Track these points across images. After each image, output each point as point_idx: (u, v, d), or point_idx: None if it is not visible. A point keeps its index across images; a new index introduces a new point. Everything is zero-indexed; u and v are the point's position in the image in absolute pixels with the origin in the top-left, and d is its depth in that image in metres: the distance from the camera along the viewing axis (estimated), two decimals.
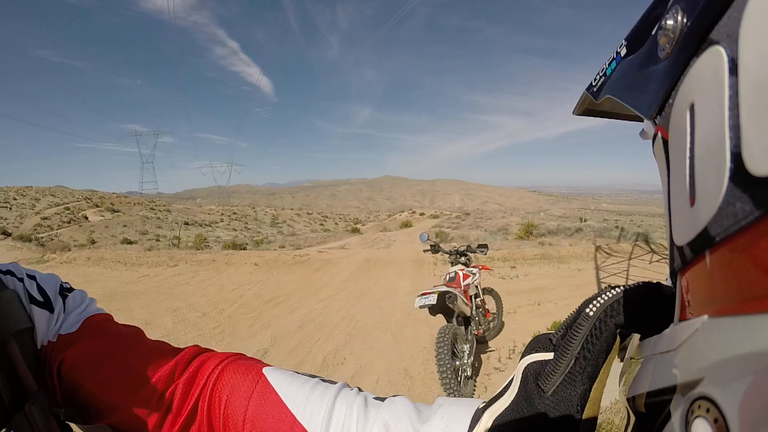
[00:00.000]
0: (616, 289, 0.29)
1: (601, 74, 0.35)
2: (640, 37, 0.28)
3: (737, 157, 0.16)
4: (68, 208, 56.36)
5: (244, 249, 20.43)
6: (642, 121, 0.28)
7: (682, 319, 0.22)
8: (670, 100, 0.22)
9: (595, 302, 0.29)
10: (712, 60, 0.18)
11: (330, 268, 11.21)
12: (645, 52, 0.26)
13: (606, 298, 0.28)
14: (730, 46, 0.17)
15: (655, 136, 0.25)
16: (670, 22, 0.22)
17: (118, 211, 57.21)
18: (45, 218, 49.50)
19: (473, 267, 4.61)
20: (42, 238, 29.09)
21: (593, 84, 0.36)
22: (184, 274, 10.50)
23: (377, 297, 7.52)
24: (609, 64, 0.33)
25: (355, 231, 40.62)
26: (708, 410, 0.17)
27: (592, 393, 0.28)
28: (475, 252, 4.72)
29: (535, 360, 0.31)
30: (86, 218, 52.29)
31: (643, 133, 0.29)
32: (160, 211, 62.30)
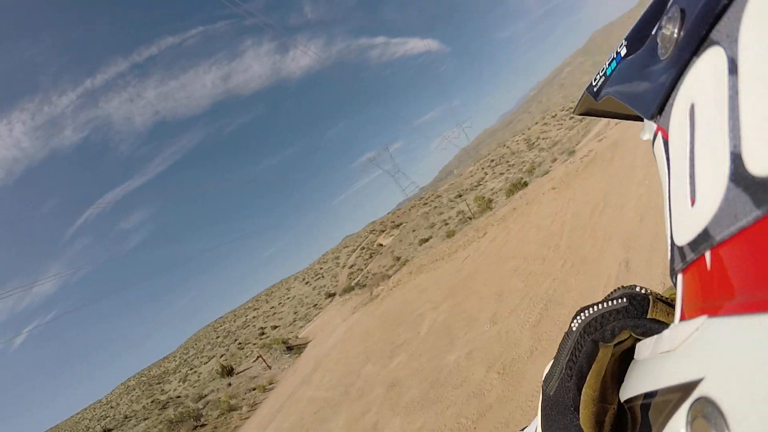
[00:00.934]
0: (598, 305, 0.31)
1: (601, 74, 0.34)
2: (641, 36, 0.28)
3: (737, 158, 0.16)
4: (363, 247, 64.98)
5: (526, 184, 20.44)
6: (642, 121, 0.28)
7: (682, 319, 0.22)
8: (670, 100, 0.22)
9: (578, 318, 0.32)
10: (712, 60, 0.18)
11: (621, 150, 9.93)
12: (645, 52, 0.26)
13: (586, 315, 0.31)
14: (730, 46, 0.17)
15: (655, 136, 0.25)
16: (670, 22, 0.22)
17: (401, 224, 63.19)
18: (352, 266, 56.00)
19: None
20: (360, 282, 35.48)
21: (593, 84, 0.36)
22: (498, 235, 11.15)
23: None
24: (609, 64, 0.33)
25: None
26: (709, 411, 0.16)
27: (581, 396, 0.30)
28: None
29: (549, 366, 0.36)
30: (381, 245, 58.74)
31: (643, 133, 0.29)
32: (432, 201, 67.45)
